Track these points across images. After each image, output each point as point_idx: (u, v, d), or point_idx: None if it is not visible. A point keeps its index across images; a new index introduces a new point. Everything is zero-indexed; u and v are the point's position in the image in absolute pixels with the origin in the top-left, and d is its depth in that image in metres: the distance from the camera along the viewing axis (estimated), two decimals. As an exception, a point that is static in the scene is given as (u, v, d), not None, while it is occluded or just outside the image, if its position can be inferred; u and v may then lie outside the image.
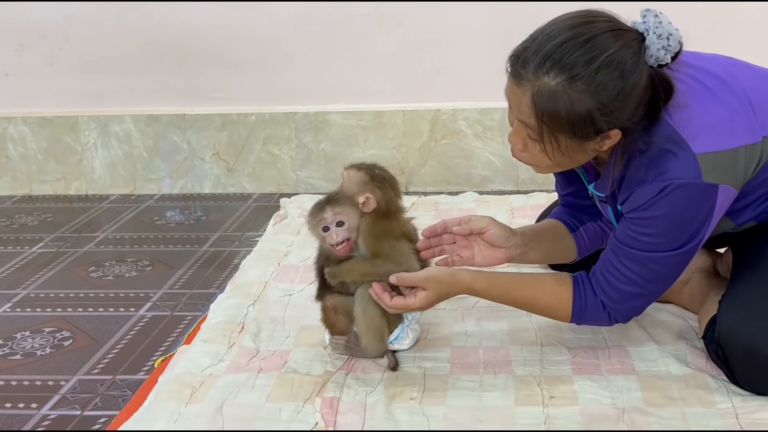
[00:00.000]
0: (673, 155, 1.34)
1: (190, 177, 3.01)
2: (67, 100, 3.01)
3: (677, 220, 1.36)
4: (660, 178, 1.34)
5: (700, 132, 1.35)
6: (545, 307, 1.52)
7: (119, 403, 1.54)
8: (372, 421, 1.38)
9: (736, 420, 1.34)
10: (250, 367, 1.58)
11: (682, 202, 1.34)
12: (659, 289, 1.46)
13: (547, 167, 1.44)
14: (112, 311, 1.99)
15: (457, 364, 1.57)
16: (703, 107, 1.39)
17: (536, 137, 1.35)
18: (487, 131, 2.85)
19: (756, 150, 1.40)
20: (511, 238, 1.61)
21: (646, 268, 1.41)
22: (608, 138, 1.34)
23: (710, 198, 1.35)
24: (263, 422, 1.39)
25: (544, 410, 1.40)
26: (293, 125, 2.93)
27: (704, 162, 1.33)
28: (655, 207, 1.35)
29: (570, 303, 1.48)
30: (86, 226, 2.66)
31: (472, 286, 1.50)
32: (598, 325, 1.54)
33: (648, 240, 1.39)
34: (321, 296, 1.64)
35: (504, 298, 1.53)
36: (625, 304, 1.46)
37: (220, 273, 2.22)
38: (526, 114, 1.34)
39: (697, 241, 1.39)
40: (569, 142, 1.34)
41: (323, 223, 1.54)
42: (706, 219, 1.37)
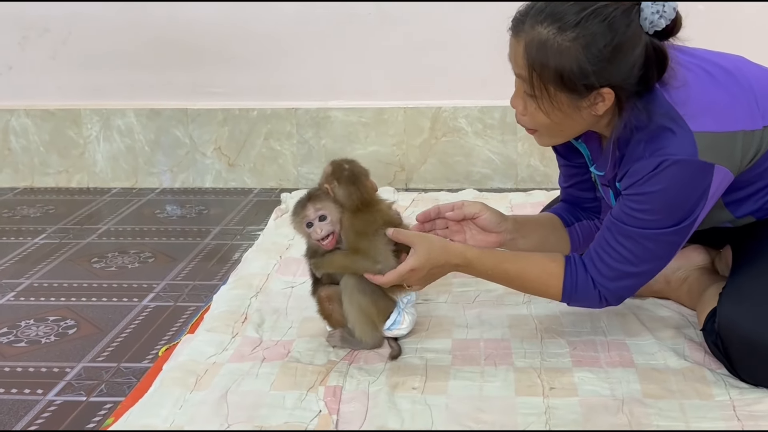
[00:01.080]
0: (671, 132, 1.36)
1: (191, 171, 3.02)
2: (69, 93, 3.03)
3: (672, 197, 1.38)
4: (656, 154, 1.36)
5: (699, 111, 1.38)
6: (536, 281, 1.52)
7: (124, 390, 1.56)
8: (375, 410, 1.40)
9: (734, 412, 1.36)
10: (254, 356, 1.60)
11: (678, 179, 1.36)
12: (652, 269, 1.47)
13: (547, 132, 1.46)
14: (115, 301, 2.00)
15: (459, 356, 1.59)
16: (703, 90, 1.42)
17: (531, 92, 1.39)
18: (487, 129, 2.88)
19: (755, 138, 1.42)
20: (503, 224, 1.64)
21: (640, 245, 1.43)
22: (601, 99, 1.37)
23: (706, 177, 1.37)
24: (267, 409, 1.41)
25: (544, 401, 1.42)
26: (295, 121, 2.95)
27: (701, 140, 1.36)
28: (650, 182, 1.38)
29: (561, 279, 1.49)
30: (88, 219, 2.68)
31: (465, 254, 1.51)
32: (588, 305, 1.54)
33: (643, 216, 1.41)
34: (315, 290, 1.66)
35: (495, 270, 1.52)
36: (616, 283, 1.47)
37: (221, 266, 2.23)
38: (521, 66, 1.39)
39: (691, 221, 1.41)
40: (562, 96, 1.37)
41: (306, 220, 1.57)
42: (701, 198, 1.39)
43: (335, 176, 1.58)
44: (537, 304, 1.79)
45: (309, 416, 1.39)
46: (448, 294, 1.86)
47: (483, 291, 1.87)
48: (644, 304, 1.77)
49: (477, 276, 1.56)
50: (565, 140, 1.54)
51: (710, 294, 1.56)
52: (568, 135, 1.50)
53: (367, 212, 1.58)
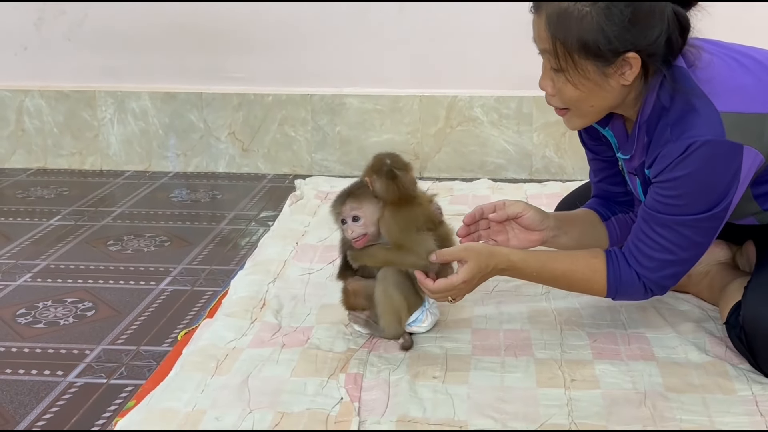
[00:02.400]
0: (696, 113, 1.36)
1: (205, 156, 3.02)
2: (84, 75, 3.02)
3: (703, 180, 1.38)
4: (684, 137, 1.36)
5: (725, 92, 1.38)
6: (581, 279, 1.52)
7: (144, 373, 1.56)
8: (396, 398, 1.40)
9: (757, 407, 1.36)
10: (274, 342, 1.60)
11: (707, 161, 1.36)
12: (692, 256, 1.47)
13: (576, 109, 1.46)
14: (132, 284, 2.00)
15: (479, 346, 1.59)
16: (730, 73, 1.42)
17: (557, 65, 1.40)
18: (502, 119, 2.87)
19: None
20: (545, 221, 1.64)
21: (677, 233, 1.43)
22: (628, 65, 1.37)
23: (735, 158, 1.37)
24: (289, 395, 1.41)
25: (566, 392, 1.42)
26: (310, 107, 2.94)
27: (727, 120, 1.35)
28: (680, 167, 1.38)
29: (604, 274, 1.49)
30: (101, 201, 2.68)
31: (509, 257, 1.52)
32: (634, 297, 1.54)
33: (676, 203, 1.41)
34: (343, 276, 1.65)
35: (541, 271, 1.53)
36: (659, 273, 1.47)
37: (237, 251, 2.23)
38: (545, 40, 1.40)
39: (725, 205, 1.40)
40: (588, 65, 1.38)
41: (341, 217, 1.58)
42: (732, 181, 1.38)
43: (375, 170, 1.58)
44: (556, 296, 1.79)
45: (331, 403, 1.39)
46: (466, 284, 1.86)
47: (501, 281, 1.86)
48: (664, 298, 1.76)
49: (522, 278, 1.57)
50: (595, 118, 1.51)
51: (734, 288, 1.55)
52: (597, 110, 1.47)
53: (408, 207, 1.57)
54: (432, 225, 1.59)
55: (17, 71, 3.03)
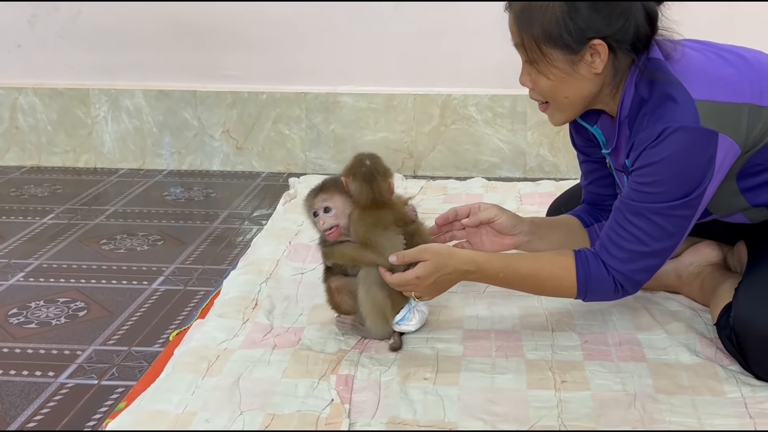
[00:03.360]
0: (671, 101, 1.38)
1: (199, 154, 3.01)
2: (78, 72, 3.01)
3: (677, 166, 1.38)
4: (658, 122, 1.38)
5: (701, 82, 1.40)
6: (549, 277, 1.51)
7: (135, 374, 1.56)
8: (387, 399, 1.41)
9: (746, 409, 1.36)
10: (265, 343, 1.60)
11: (680, 146, 1.37)
12: (665, 248, 1.45)
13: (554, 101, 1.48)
14: (125, 284, 2.00)
15: (470, 347, 1.59)
16: (709, 65, 1.44)
17: (528, 58, 1.44)
18: (497, 118, 2.87)
19: (762, 114, 1.42)
20: (519, 226, 1.65)
21: (650, 222, 1.43)
22: (596, 53, 1.40)
23: (710, 145, 1.37)
24: (280, 397, 1.42)
25: (556, 394, 1.42)
26: (304, 105, 2.93)
27: (702, 108, 1.37)
28: (654, 152, 1.39)
29: (573, 271, 1.48)
30: (95, 199, 2.68)
31: (473, 258, 1.52)
32: (604, 296, 1.52)
33: (650, 190, 1.41)
34: (326, 279, 1.66)
35: (506, 270, 1.52)
36: (630, 265, 1.46)
37: (230, 250, 2.23)
38: (515, 34, 1.46)
39: (699, 193, 1.40)
40: (556, 54, 1.41)
41: (312, 209, 1.59)
42: (707, 169, 1.38)
43: (352, 171, 1.58)
44: (547, 297, 1.79)
45: (321, 405, 1.40)
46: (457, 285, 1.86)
47: (493, 282, 1.87)
48: (655, 298, 1.77)
49: (488, 282, 1.56)
50: (574, 111, 1.52)
51: (725, 289, 1.56)
52: (573, 102, 1.48)
53: (377, 209, 1.57)
54: (402, 224, 1.58)
55: (11, 69, 3.03)
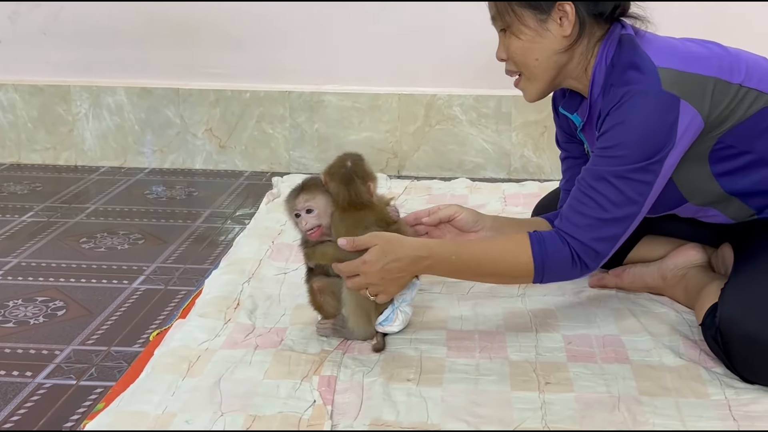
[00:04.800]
0: (634, 68, 1.43)
1: (181, 152, 2.99)
2: (59, 69, 2.98)
3: (637, 128, 1.40)
4: (620, 87, 1.42)
5: (666, 52, 1.44)
6: (503, 254, 1.47)
7: (115, 374, 1.54)
8: (369, 401, 1.39)
9: (729, 412, 1.36)
10: (247, 343, 1.59)
11: (641, 109, 1.40)
12: (625, 216, 1.44)
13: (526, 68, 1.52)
14: (105, 283, 1.98)
15: (453, 348, 1.58)
16: (678, 42, 1.48)
17: (502, 23, 1.51)
18: (481, 118, 2.86)
19: (730, 91, 1.44)
20: (480, 222, 1.66)
21: (610, 185, 1.43)
22: (564, 14, 1.46)
23: (671, 109, 1.40)
24: (261, 398, 1.40)
25: (540, 396, 1.41)
26: (288, 104, 2.92)
27: (664, 74, 1.40)
28: (616, 115, 1.42)
29: (528, 246, 1.45)
30: (75, 197, 2.64)
31: (425, 243, 1.50)
32: (562, 271, 1.48)
33: (612, 154, 1.43)
34: (309, 279, 1.64)
35: (459, 252, 1.48)
36: (588, 233, 1.44)
37: (212, 249, 2.21)
38: (491, 4, 1.52)
39: (661, 158, 1.41)
40: (526, 13, 1.48)
41: (294, 210, 1.57)
42: (669, 134, 1.40)
43: (331, 171, 1.57)
44: (531, 297, 1.79)
45: (303, 406, 1.38)
46: (442, 285, 1.85)
47: (477, 283, 1.86)
48: (639, 300, 1.76)
49: (442, 270, 1.51)
50: (546, 79, 1.53)
51: (710, 290, 1.56)
52: (545, 67, 1.51)
53: (357, 210, 1.56)
54: (384, 224, 1.56)
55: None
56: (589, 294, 1.80)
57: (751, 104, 1.45)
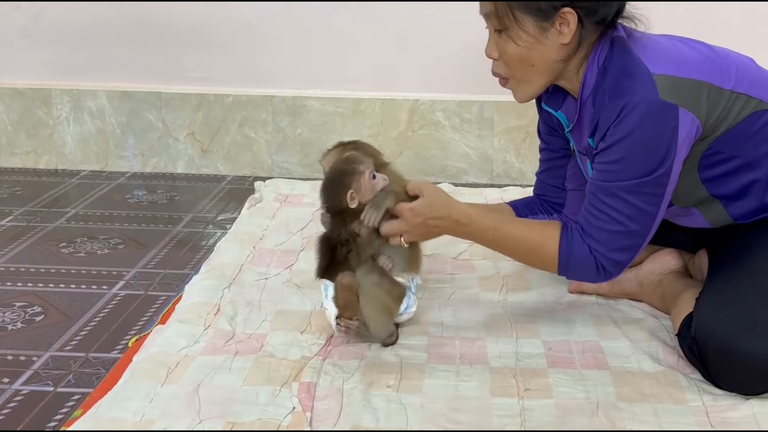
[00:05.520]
0: (629, 76, 1.41)
1: (163, 156, 2.97)
2: (40, 72, 2.96)
3: (640, 141, 1.40)
4: (618, 99, 1.40)
5: (660, 57, 1.43)
6: (533, 247, 1.52)
7: (93, 381, 1.53)
8: (349, 407, 1.39)
9: (707, 418, 1.36)
10: (227, 350, 1.58)
11: (642, 121, 1.39)
12: (642, 227, 1.46)
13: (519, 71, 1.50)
14: (84, 288, 1.96)
15: (434, 354, 1.58)
16: (669, 46, 1.47)
17: (499, 24, 1.46)
18: (464, 124, 2.87)
19: (723, 97, 1.44)
20: None
21: (622, 201, 1.44)
22: (565, 22, 1.43)
23: (671, 118, 1.39)
24: (240, 405, 1.39)
25: (519, 402, 1.41)
26: (270, 109, 2.91)
27: (660, 81, 1.39)
28: (617, 130, 1.41)
29: (557, 242, 1.50)
30: (56, 202, 2.63)
31: (467, 211, 1.53)
32: (585, 275, 1.53)
33: (617, 168, 1.43)
34: (325, 274, 1.59)
35: (496, 230, 1.53)
36: (610, 246, 1.47)
37: (194, 254, 2.20)
38: (487, 2, 1.47)
39: (666, 168, 1.41)
40: (527, 20, 1.44)
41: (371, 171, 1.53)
42: (670, 143, 1.40)
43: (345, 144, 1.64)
44: (512, 303, 1.79)
45: (282, 413, 1.37)
46: (423, 290, 1.85)
47: (458, 288, 1.86)
48: (618, 306, 1.77)
49: (476, 238, 1.55)
50: (537, 84, 1.53)
51: (685, 299, 1.56)
52: (539, 72, 1.50)
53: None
54: None
55: (-30, 67, 2.97)
56: (569, 300, 1.81)
57: (740, 110, 1.46)
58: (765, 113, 1.47)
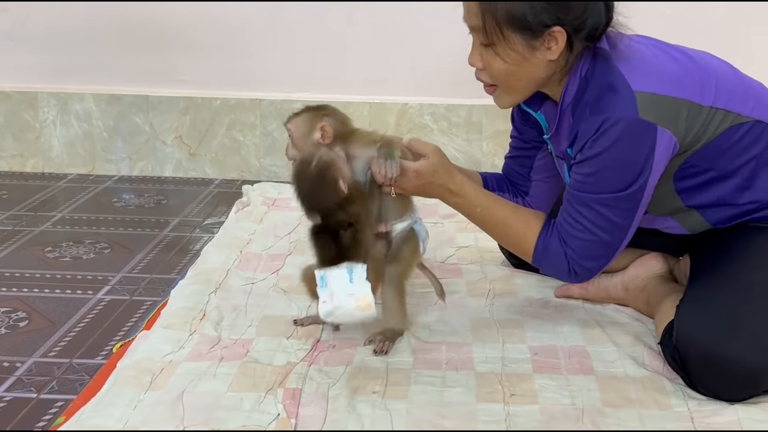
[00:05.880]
0: (611, 92, 1.41)
1: (150, 159, 2.96)
2: (27, 75, 2.94)
3: (616, 158, 1.41)
4: (598, 114, 1.40)
5: (641, 72, 1.42)
6: (515, 232, 1.56)
7: (76, 387, 1.52)
8: (334, 414, 1.38)
9: (692, 423, 1.37)
10: (212, 356, 1.57)
11: (620, 138, 1.39)
12: (614, 239, 1.48)
13: (505, 84, 1.50)
14: (69, 293, 1.95)
15: (420, 359, 1.58)
16: (653, 58, 1.46)
17: (486, 40, 1.44)
18: (452, 127, 2.86)
19: (702, 114, 1.44)
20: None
21: (595, 212, 1.46)
22: (554, 40, 1.42)
23: (648, 137, 1.40)
24: (224, 411, 1.38)
25: (505, 408, 1.41)
26: (259, 112, 2.90)
27: (641, 99, 1.39)
28: (594, 145, 1.42)
29: (536, 236, 1.54)
30: (42, 205, 2.61)
31: (463, 184, 1.55)
32: (557, 273, 1.57)
33: (593, 180, 1.44)
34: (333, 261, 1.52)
35: (484, 208, 1.56)
36: (581, 253, 1.50)
37: (180, 258, 2.19)
38: (475, 15, 1.45)
39: (640, 185, 1.42)
40: (516, 37, 1.42)
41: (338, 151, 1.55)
42: (647, 160, 1.41)
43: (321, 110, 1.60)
44: (499, 308, 1.79)
45: (267, 419, 1.37)
46: (410, 295, 1.84)
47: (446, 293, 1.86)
48: (605, 311, 1.77)
49: (465, 211, 1.58)
50: (523, 95, 1.54)
51: (667, 305, 1.56)
52: (525, 86, 1.51)
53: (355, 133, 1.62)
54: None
55: (-44, 70, 2.95)
56: (555, 304, 1.80)
57: (718, 125, 1.46)
58: (741, 127, 1.48)
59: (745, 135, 1.48)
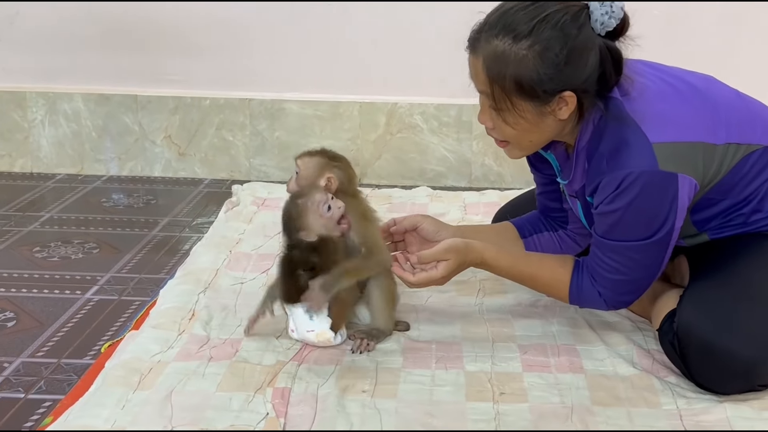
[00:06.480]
0: (629, 146, 1.40)
1: (140, 159, 2.95)
2: (15, 75, 2.93)
3: (641, 210, 1.42)
4: (618, 170, 1.40)
5: (657, 122, 1.41)
6: (546, 284, 1.60)
7: (64, 388, 1.51)
8: (324, 413, 1.38)
9: (681, 421, 1.37)
10: (201, 355, 1.56)
11: (643, 191, 1.39)
12: (644, 276, 1.51)
13: (517, 143, 1.50)
14: (57, 293, 1.94)
15: (410, 358, 1.58)
16: (664, 101, 1.45)
17: (495, 105, 1.43)
18: (443, 127, 2.86)
19: (717, 153, 1.45)
20: (442, 232, 1.69)
21: (625, 257, 1.47)
22: (564, 103, 1.40)
23: (670, 186, 1.40)
24: (213, 411, 1.38)
25: (494, 406, 1.41)
26: (248, 112, 2.90)
27: (660, 151, 1.39)
28: (617, 200, 1.41)
29: (567, 284, 1.56)
30: (31, 205, 2.60)
31: (483, 254, 1.57)
32: (594, 307, 1.60)
33: (619, 230, 1.45)
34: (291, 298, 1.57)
35: (510, 269, 1.59)
36: (615, 291, 1.53)
37: (169, 258, 2.18)
38: (483, 82, 1.42)
39: (667, 230, 1.43)
40: (525, 105, 1.41)
41: (324, 204, 1.54)
42: (671, 208, 1.41)
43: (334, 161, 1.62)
44: (489, 308, 1.79)
45: (256, 419, 1.36)
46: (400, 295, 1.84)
47: (435, 292, 1.86)
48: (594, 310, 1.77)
49: (493, 273, 1.62)
50: (535, 149, 1.56)
51: (669, 296, 1.58)
52: (536, 144, 1.52)
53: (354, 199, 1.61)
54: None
55: (-56, 70, 2.93)
56: (545, 303, 1.80)
57: (732, 158, 1.47)
58: (752, 155, 1.49)
59: (756, 162, 1.50)
